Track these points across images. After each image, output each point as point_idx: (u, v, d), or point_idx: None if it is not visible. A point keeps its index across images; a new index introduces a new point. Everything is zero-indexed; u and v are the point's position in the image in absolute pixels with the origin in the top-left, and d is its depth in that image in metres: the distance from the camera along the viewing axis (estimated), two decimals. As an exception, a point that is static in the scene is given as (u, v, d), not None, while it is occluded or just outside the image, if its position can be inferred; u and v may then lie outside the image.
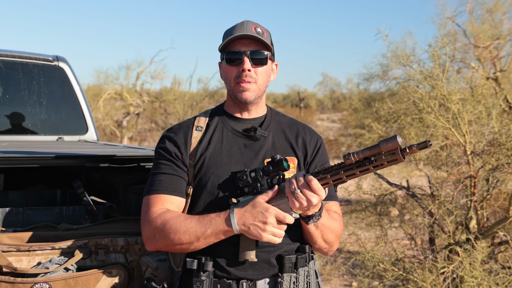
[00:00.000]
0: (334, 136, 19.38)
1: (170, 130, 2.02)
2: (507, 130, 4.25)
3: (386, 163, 1.69)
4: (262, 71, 1.94)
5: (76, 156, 2.57)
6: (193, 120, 2.02)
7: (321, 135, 2.41)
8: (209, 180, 1.91)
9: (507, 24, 10.09)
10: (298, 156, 1.99)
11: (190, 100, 17.82)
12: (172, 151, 1.94)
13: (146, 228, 1.88)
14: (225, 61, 1.95)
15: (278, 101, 42.01)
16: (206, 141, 1.96)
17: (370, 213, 5.20)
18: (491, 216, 5.00)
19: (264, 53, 1.94)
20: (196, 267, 1.85)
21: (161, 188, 1.91)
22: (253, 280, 1.87)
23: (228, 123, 2.00)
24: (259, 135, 1.96)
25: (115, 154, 2.71)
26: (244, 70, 1.91)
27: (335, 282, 6.02)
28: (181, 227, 1.81)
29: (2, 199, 3.13)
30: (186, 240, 1.81)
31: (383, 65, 10.03)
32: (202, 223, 1.81)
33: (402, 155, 1.67)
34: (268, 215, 1.76)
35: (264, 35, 1.94)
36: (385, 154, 1.68)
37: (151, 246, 1.90)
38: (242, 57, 1.91)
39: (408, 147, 1.67)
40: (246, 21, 1.95)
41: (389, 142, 1.66)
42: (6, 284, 2.00)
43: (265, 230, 1.76)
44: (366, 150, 1.70)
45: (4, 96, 3.95)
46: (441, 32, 4.65)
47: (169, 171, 1.93)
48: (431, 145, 1.67)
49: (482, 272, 3.97)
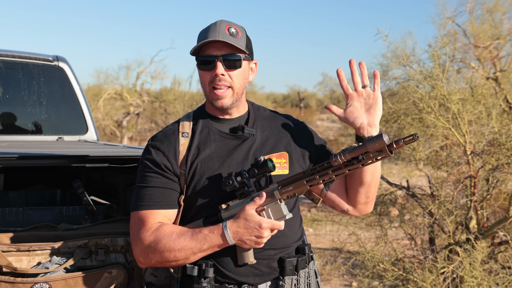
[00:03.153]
0: (334, 136, 19.34)
1: (155, 139, 1.93)
2: (507, 130, 4.25)
3: (375, 160, 1.71)
4: (237, 74, 1.88)
5: (76, 156, 2.57)
6: (177, 126, 1.95)
7: (321, 135, 2.41)
8: (202, 187, 1.86)
9: (507, 24, 10.09)
10: (288, 150, 1.96)
11: (190, 100, 17.80)
12: (160, 163, 1.87)
13: (138, 247, 1.82)
14: (198, 66, 1.89)
15: (278, 101, 42.03)
16: (194, 147, 1.90)
17: (370, 213, 5.20)
18: (491, 216, 5.00)
19: (237, 55, 1.86)
20: (196, 274, 1.83)
21: (152, 203, 1.84)
22: (255, 285, 1.86)
23: (213, 125, 1.95)
24: (247, 134, 1.92)
25: (115, 154, 2.71)
26: (217, 75, 1.84)
27: (335, 282, 6.01)
28: (175, 245, 1.76)
29: (2, 199, 3.13)
30: (182, 257, 1.78)
31: (383, 65, 10.01)
32: (197, 239, 1.76)
33: (390, 151, 1.68)
34: (262, 231, 1.74)
35: (238, 35, 1.87)
36: (373, 152, 1.70)
37: (144, 264, 1.84)
38: (215, 61, 1.85)
39: (394, 141, 1.68)
40: (219, 21, 1.88)
41: (375, 142, 1.68)
42: (6, 284, 2.00)
43: (260, 244, 1.77)
44: (353, 152, 1.71)
45: (4, 96, 3.95)
46: (441, 32, 4.65)
47: (159, 184, 1.86)
48: (418, 138, 1.69)
49: (482, 272, 3.97)
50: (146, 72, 20.36)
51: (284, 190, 1.80)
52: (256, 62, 2.00)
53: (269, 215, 1.79)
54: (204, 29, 1.88)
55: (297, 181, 1.79)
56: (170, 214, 1.87)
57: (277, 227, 1.76)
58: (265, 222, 1.74)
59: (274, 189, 1.81)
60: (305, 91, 41.21)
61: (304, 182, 1.78)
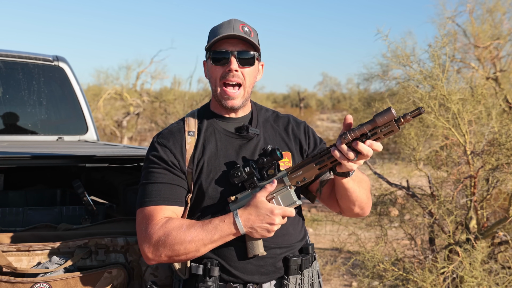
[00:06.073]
0: (334, 136, 19.35)
1: (161, 136, 1.92)
2: (507, 130, 4.25)
3: (383, 136, 1.70)
4: (249, 72, 1.89)
5: (76, 156, 2.57)
6: (183, 124, 1.95)
7: (321, 135, 2.42)
8: (209, 185, 1.86)
9: (507, 24, 10.10)
10: (291, 149, 1.97)
11: (190, 100, 17.81)
12: (167, 159, 1.86)
13: (146, 243, 1.79)
14: (211, 60, 1.89)
15: (278, 101, 42.03)
16: (200, 146, 1.90)
17: (370, 213, 5.20)
18: (491, 216, 5.00)
19: (252, 53, 1.89)
20: (202, 273, 1.82)
21: (160, 199, 1.82)
22: (260, 283, 1.86)
23: (219, 124, 1.95)
24: (252, 134, 1.92)
25: (115, 154, 2.71)
26: (231, 70, 1.85)
27: (335, 282, 6.01)
28: (185, 237, 1.75)
29: (2, 199, 3.13)
30: (193, 249, 1.76)
31: (383, 65, 10.05)
32: (207, 230, 1.75)
33: (397, 126, 1.67)
34: (274, 217, 1.74)
35: (251, 34, 1.88)
36: (381, 128, 1.69)
37: (153, 260, 1.80)
38: (229, 57, 1.86)
39: (402, 116, 1.67)
40: (233, 19, 1.89)
41: (384, 115, 1.66)
42: (6, 284, 2.00)
43: (271, 231, 1.77)
44: (363, 127, 1.70)
45: (4, 96, 3.95)
46: (441, 32, 4.65)
47: (166, 180, 1.84)
48: (424, 111, 1.68)
49: (482, 272, 3.97)
50: (146, 72, 20.39)
51: (294, 175, 1.79)
52: (263, 64, 2.01)
53: (278, 202, 1.79)
54: (217, 26, 1.90)
55: (306, 165, 1.79)
56: (178, 211, 1.85)
57: (289, 213, 1.77)
58: (277, 208, 1.75)
59: (284, 175, 1.81)
60: (305, 91, 41.23)
61: (313, 165, 1.78)
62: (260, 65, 1.99)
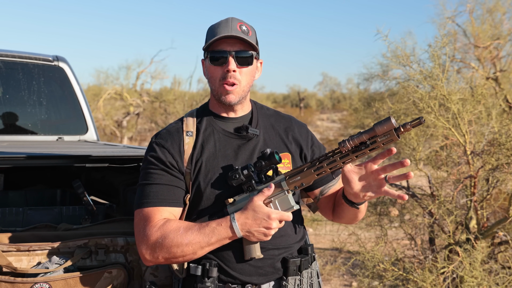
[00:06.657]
0: (334, 136, 19.35)
1: (159, 137, 1.92)
2: (507, 130, 4.25)
3: (382, 144, 1.70)
4: (247, 72, 1.89)
5: (76, 156, 2.57)
6: (181, 124, 1.94)
7: (321, 135, 2.42)
8: (207, 186, 1.86)
9: (507, 24, 10.10)
10: (291, 151, 1.97)
11: (190, 100, 17.81)
12: (165, 160, 1.86)
13: (144, 244, 1.79)
14: (209, 60, 1.88)
15: (278, 101, 42.03)
16: (199, 146, 1.89)
17: (370, 213, 5.20)
18: (491, 216, 5.00)
19: (250, 52, 1.88)
20: (200, 273, 1.82)
21: (157, 200, 1.82)
22: (258, 284, 1.86)
23: (217, 124, 1.94)
24: (251, 134, 1.91)
25: (115, 154, 2.71)
26: (229, 71, 1.85)
27: (335, 282, 6.01)
28: (183, 240, 1.75)
29: (2, 199, 3.13)
30: (190, 252, 1.76)
31: (383, 65, 10.03)
32: (204, 233, 1.75)
33: (397, 135, 1.67)
34: (271, 221, 1.74)
35: (249, 33, 1.87)
36: (380, 136, 1.68)
37: (150, 262, 1.81)
38: (227, 57, 1.85)
39: (402, 125, 1.67)
40: (230, 18, 1.88)
41: (383, 124, 1.66)
42: (6, 284, 2.00)
43: (268, 236, 1.77)
44: (362, 135, 1.69)
45: (4, 96, 3.95)
46: (441, 32, 4.65)
47: (164, 181, 1.84)
48: (424, 121, 1.67)
49: (482, 272, 3.97)
50: (146, 72, 20.38)
51: (292, 180, 1.79)
52: (261, 62, 2.00)
53: (276, 206, 1.79)
54: (215, 25, 1.88)
55: (304, 171, 1.78)
56: (176, 212, 1.85)
57: (286, 218, 1.76)
58: (274, 213, 1.74)
59: (282, 179, 1.80)
60: (305, 91, 41.28)
61: (311, 171, 1.78)
62: (258, 63, 1.98)
